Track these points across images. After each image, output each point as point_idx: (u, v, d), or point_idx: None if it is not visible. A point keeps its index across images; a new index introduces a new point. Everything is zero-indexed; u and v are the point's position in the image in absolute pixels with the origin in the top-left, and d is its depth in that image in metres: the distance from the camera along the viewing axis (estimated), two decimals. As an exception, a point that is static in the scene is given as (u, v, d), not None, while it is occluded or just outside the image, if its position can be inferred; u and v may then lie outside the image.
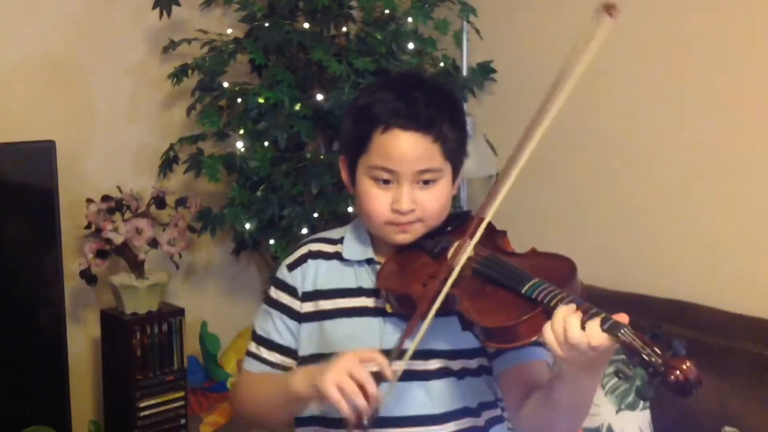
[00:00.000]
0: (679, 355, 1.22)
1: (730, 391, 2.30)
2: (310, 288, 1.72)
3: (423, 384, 1.62)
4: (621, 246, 2.78)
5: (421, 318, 1.50)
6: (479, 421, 1.66)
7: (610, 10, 1.47)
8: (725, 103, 2.52)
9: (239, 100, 2.82)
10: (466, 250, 1.54)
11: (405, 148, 1.59)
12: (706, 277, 2.56)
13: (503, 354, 1.62)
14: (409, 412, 1.61)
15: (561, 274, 1.45)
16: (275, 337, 1.74)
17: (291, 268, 1.75)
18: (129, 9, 3.00)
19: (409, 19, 2.85)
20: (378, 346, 1.62)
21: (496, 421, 1.69)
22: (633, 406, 2.35)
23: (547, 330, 1.36)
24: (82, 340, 3.03)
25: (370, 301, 1.67)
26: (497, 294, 1.48)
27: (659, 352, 1.24)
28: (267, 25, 2.81)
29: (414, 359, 1.54)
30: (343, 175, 1.72)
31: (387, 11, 2.85)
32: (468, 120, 2.83)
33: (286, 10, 2.87)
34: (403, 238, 1.64)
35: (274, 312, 1.75)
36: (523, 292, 1.42)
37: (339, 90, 2.73)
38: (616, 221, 2.79)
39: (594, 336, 1.30)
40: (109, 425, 2.96)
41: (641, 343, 1.26)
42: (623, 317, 1.32)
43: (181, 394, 2.95)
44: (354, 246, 1.72)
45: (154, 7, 2.84)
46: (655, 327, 1.27)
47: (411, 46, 2.87)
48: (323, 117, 2.81)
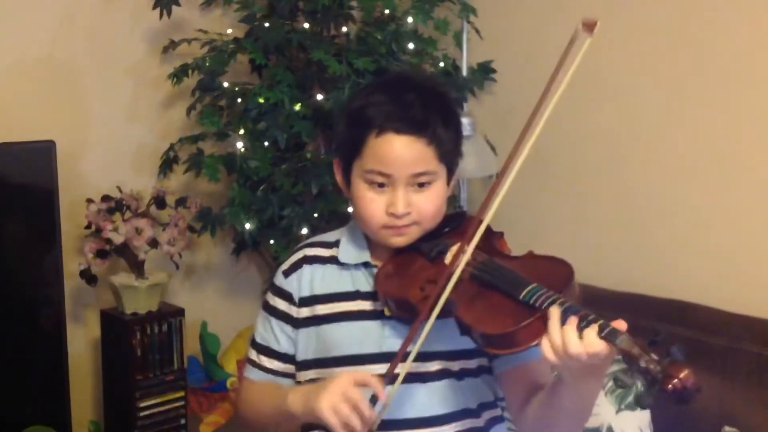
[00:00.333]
0: (677, 363, 1.21)
1: (730, 391, 2.30)
2: (306, 293, 1.72)
3: (423, 386, 1.62)
4: (621, 246, 2.78)
5: (421, 324, 1.50)
6: (479, 421, 1.66)
7: (591, 28, 1.47)
8: (725, 103, 2.52)
9: (239, 100, 2.82)
10: (464, 255, 1.53)
11: (399, 151, 1.59)
12: (706, 277, 2.56)
13: (503, 355, 1.62)
14: (410, 414, 1.61)
15: (558, 279, 1.45)
16: (274, 345, 1.75)
17: (287, 274, 1.75)
18: (129, 9, 3.00)
19: (409, 19, 2.85)
20: (377, 349, 1.63)
21: (496, 421, 1.70)
22: (633, 407, 2.35)
23: (545, 344, 1.36)
24: (82, 340, 3.03)
25: (367, 305, 1.67)
26: (494, 299, 1.47)
27: (657, 359, 1.23)
28: (267, 25, 2.81)
29: (414, 361, 1.54)
30: (338, 178, 1.72)
31: (387, 11, 2.85)
32: (468, 120, 2.87)
33: (286, 10, 2.86)
34: (399, 241, 1.64)
35: (273, 319, 1.75)
36: (520, 297, 1.42)
37: (339, 90, 2.73)
38: (616, 221, 2.79)
39: (592, 345, 1.30)
40: (109, 425, 2.96)
41: (639, 351, 1.25)
42: (621, 324, 1.32)
43: (181, 394, 2.95)
44: (350, 249, 1.72)
45: (154, 7, 2.84)
46: (654, 333, 1.27)
47: (411, 46, 2.86)
48: (323, 117, 2.81)
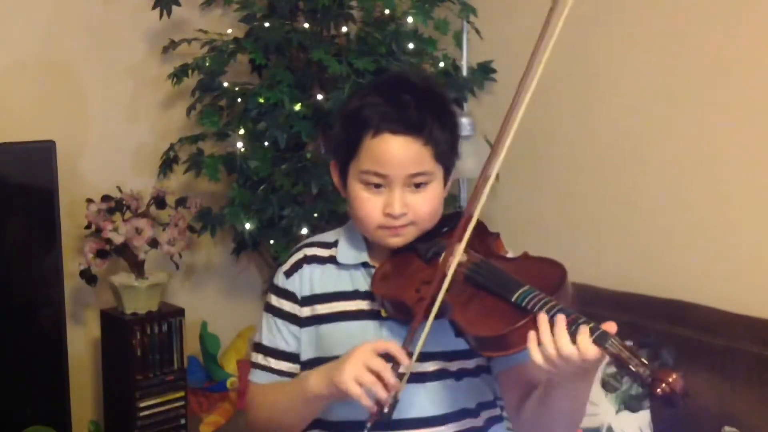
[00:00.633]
0: (666, 366, 1.23)
1: (730, 391, 2.30)
2: (307, 293, 1.72)
3: (421, 386, 1.62)
4: (621, 246, 2.78)
5: (419, 327, 1.50)
6: (478, 421, 1.66)
7: None
8: (725, 103, 2.52)
9: (239, 100, 2.82)
10: (456, 254, 1.54)
11: (395, 152, 1.59)
12: (706, 277, 2.56)
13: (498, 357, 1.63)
14: (408, 414, 1.61)
15: (551, 281, 1.45)
16: (283, 346, 1.74)
17: (288, 274, 1.75)
18: (129, 9, 3.00)
19: (409, 19, 2.85)
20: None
21: (495, 420, 1.70)
22: (633, 407, 2.35)
23: (533, 347, 1.36)
24: (82, 340, 3.03)
25: (366, 304, 1.67)
26: (488, 301, 1.48)
27: (646, 363, 1.24)
28: (267, 25, 2.81)
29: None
30: (335, 179, 1.72)
31: (387, 11, 2.85)
32: (468, 120, 2.87)
33: (286, 10, 2.86)
34: (395, 241, 1.64)
35: (279, 320, 1.74)
36: (513, 300, 1.42)
37: (339, 90, 2.73)
38: (616, 221, 2.79)
39: (585, 349, 1.30)
40: (109, 425, 2.96)
41: (628, 354, 1.26)
42: (611, 326, 1.32)
43: (181, 394, 2.95)
44: (348, 250, 1.72)
45: (154, 7, 2.84)
46: (644, 335, 1.28)
47: (411, 46, 2.86)
48: (323, 117, 2.81)
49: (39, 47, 2.86)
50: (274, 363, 1.75)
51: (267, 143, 2.81)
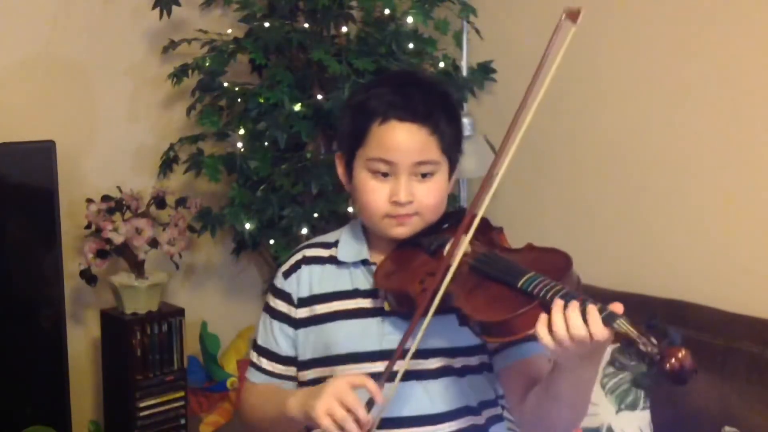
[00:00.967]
0: (674, 344, 1.23)
1: (730, 391, 2.30)
2: (305, 293, 1.73)
3: (423, 383, 1.62)
4: (621, 246, 2.78)
5: (421, 317, 1.51)
6: (480, 419, 1.66)
7: (574, 17, 1.48)
8: (725, 103, 2.52)
9: (239, 100, 2.83)
10: (461, 245, 1.54)
11: (403, 139, 1.60)
12: (706, 277, 2.56)
13: (504, 350, 1.63)
14: (411, 411, 1.61)
15: (556, 267, 1.46)
16: (274, 348, 1.75)
17: (286, 275, 1.76)
18: (129, 9, 3.00)
19: (409, 19, 2.85)
20: (377, 346, 1.63)
21: (496, 419, 1.70)
22: (633, 406, 2.35)
23: (540, 326, 1.36)
24: (82, 340, 3.03)
25: (366, 302, 1.67)
26: (493, 289, 1.48)
27: (655, 342, 1.25)
28: (267, 25, 2.81)
29: (414, 358, 1.55)
30: (340, 171, 1.72)
31: (387, 11, 2.85)
32: (468, 120, 2.87)
33: (286, 10, 2.86)
34: (400, 231, 1.65)
35: (274, 321, 1.75)
36: (519, 286, 1.43)
37: (339, 90, 2.73)
38: (616, 221, 2.79)
39: (596, 328, 1.31)
40: (109, 425, 2.96)
41: (637, 333, 1.27)
42: (618, 307, 1.33)
43: (181, 394, 2.95)
44: (349, 247, 1.73)
45: (154, 7, 2.84)
46: (651, 317, 1.29)
47: (411, 46, 2.86)
48: (323, 117, 2.81)
49: (39, 47, 2.86)
50: (265, 363, 1.76)
51: (267, 143, 2.81)
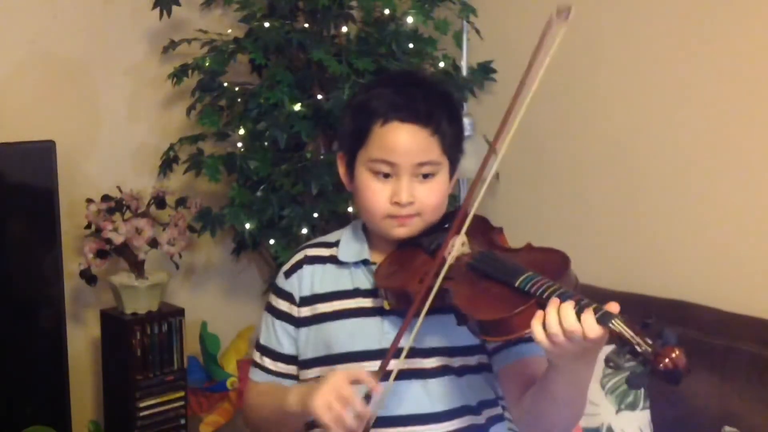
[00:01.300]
0: (668, 344, 1.23)
1: (730, 391, 2.30)
2: (307, 293, 1.73)
3: (422, 382, 1.63)
4: (621, 246, 2.78)
5: (417, 313, 1.51)
6: (480, 419, 1.66)
7: (565, 15, 1.49)
8: (725, 103, 2.52)
9: (239, 100, 2.83)
10: (456, 241, 1.55)
11: (404, 140, 1.61)
12: (706, 277, 2.56)
13: (503, 350, 1.63)
14: (409, 410, 1.61)
15: (554, 267, 1.47)
16: (276, 347, 1.76)
17: (288, 274, 1.77)
18: (129, 9, 3.00)
19: (409, 19, 2.85)
20: (377, 345, 1.63)
21: (496, 419, 1.70)
22: (633, 406, 2.35)
23: (535, 323, 1.36)
24: (82, 340, 3.03)
25: (367, 302, 1.68)
26: (491, 288, 1.49)
27: (650, 341, 1.25)
28: (267, 25, 2.81)
29: (413, 357, 1.55)
30: (341, 172, 1.73)
31: (387, 11, 2.85)
32: (468, 120, 2.86)
33: (286, 10, 2.86)
34: (401, 231, 1.65)
35: (276, 320, 1.76)
36: (516, 285, 1.44)
37: (339, 90, 2.73)
38: (616, 221, 2.79)
39: (589, 326, 1.31)
40: (109, 425, 2.96)
41: (632, 333, 1.28)
42: (614, 306, 1.33)
43: (181, 394, 2.95)
44: (349, 248, 1.73)
45: (154, 7, 2.84)
46: (646, 317, 1.29)
47: (411, 46, 2.86)
48: (323, 117, 2.81)
49: (39, 47, 2.86)
50: (268, 363, 1.77)
51: (267, 143, 2.81)
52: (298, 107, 2.77)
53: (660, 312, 2.48)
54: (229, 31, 2.96)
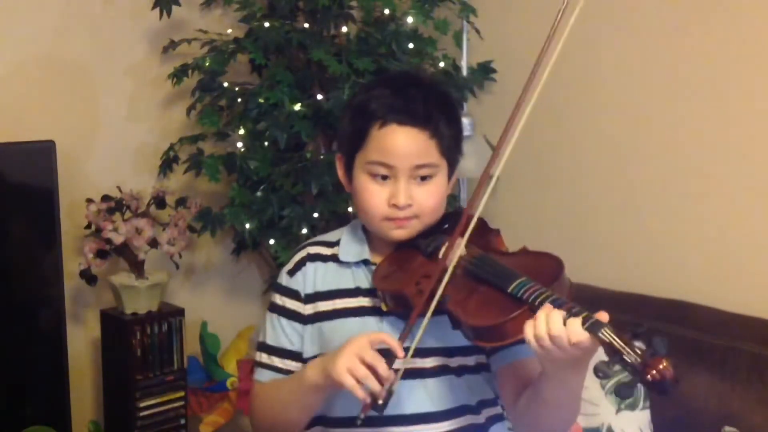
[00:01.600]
0: (657, 355, 1.24)
1: (730, 391, 2.30)
2: (310, 290, 1.74)
3: (421, 382, 1.63)
4: (621, 246, 2.78)
5: (418, 318, 1.51)
6: (479, 418, 1.66)
7: None
8: (725, 104, 2.52)
9: (239, 100, 2.82)
10: (457, 248, 1.55)
11: (402, 142, 1.61)
12: (706, 277, 2.56)
13: (500, 351, 1.63)
14: (408, 410, 1.62)
15: (548, 273, 1.47)
16: (287, 345, 1.75)
17: (292, 273, 1.77)
18: (129, 9, 3.00)
19: (409, 19, 2.85)
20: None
21: (496, 419, 1.70)
22: (633, 406, 2.35)
23: (528, 327, 1.37)
24: (82, 340, 3.03)
25: (367, 301, 1.68)
26: (485, 293, 1.50)
27: (639, 352, 1.26)
28: (267, 25, 2.81)
29: (411, 357, 1.55)
30: (340, 173, 1.73)
31: (387, 11, 2.85)
32: (468, 120, 2.87)
33: (286, 10, 2.86)
34: (399, 233, 1.65)
35: (283, 319, 1.75)
36: (509, 290, 1.44)
37: (339, 90, 2.73)
38: (616, 221, 2.79)
39: (574, 333, 1.32)
40: (109, 425, 2.96)
41: (620, 343, 1.28)
42: (604, 316, 1.34)
43: (181, 394, 2.95)
44: (350, 248, 1.74)
45: (154, 7, 2.84)
46: (637, 325, 1.29)
47: (411, 46, 2.86)
48: (323, 117, 2.81)
49: (39, 47, 2.86)
50: (278, 362, 1.75)
51: (267, 143, 2.81)
52: (298, 107, 2.77)
53: (660, 312, 2.48)
54: (229, 31, 2.96)
